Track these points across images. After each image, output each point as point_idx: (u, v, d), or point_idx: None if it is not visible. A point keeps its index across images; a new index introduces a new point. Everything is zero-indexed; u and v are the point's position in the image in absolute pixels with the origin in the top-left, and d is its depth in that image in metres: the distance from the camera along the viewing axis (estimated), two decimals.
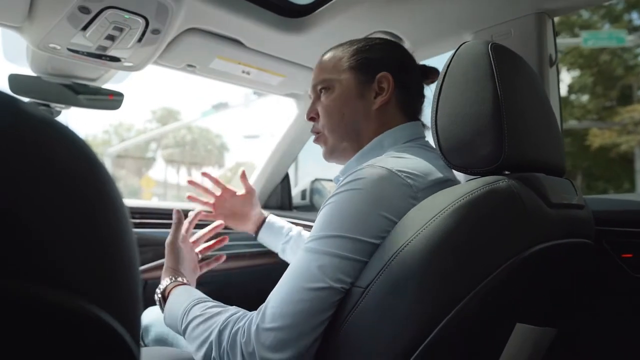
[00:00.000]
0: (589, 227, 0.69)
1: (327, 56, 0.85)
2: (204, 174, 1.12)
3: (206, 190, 1.12)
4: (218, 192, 1.12)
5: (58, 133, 0.22)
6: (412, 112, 0.81)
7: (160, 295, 0.81)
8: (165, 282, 0.83)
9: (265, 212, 1.20)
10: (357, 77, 0.79)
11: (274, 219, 1.19)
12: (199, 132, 31.88)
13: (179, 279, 0.84)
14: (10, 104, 0.20)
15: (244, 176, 1.13)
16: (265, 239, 1.18)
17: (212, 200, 1.12)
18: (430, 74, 0.87)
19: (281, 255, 1.17)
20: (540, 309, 0.68)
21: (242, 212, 1.15)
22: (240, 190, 1.14)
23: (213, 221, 1.10)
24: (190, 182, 1.10)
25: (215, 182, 1.12)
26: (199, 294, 0.75)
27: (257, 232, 1.18)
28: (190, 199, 1.11)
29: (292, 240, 1.13)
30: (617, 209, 0.85)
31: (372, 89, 0.79)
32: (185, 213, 1.45)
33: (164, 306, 0.79)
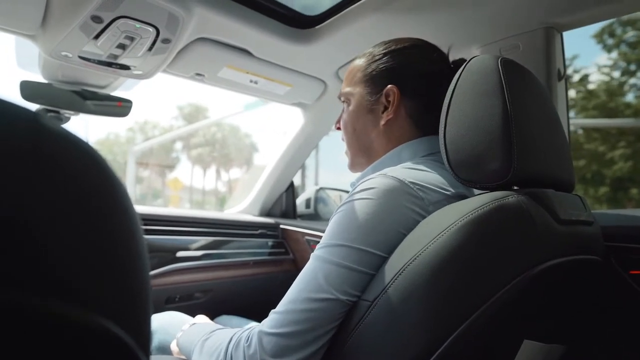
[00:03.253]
0: (598, 244, 0.69)
1: (352, 64, 0.82)
2: None
3: None
4: None
5: (77, 148, 0.22)
6: (428, 124, 0.75)
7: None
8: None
9: None
10: (369, 90, 0.77)
11: None
12: (230, 129, 30.95)
13: None
14: (31, 119, 0.20)
15: None
16: None
17: None
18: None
19: None
20: (548, 326, 0.67)
21: None
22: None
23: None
24: None
25: None
26: (223, 327, 0.75)
27: None
28: None
29: None
30: (625, 225, 0.84)
31: (381, 102, 0.76)
32: (194, 220, 1.46)
33: (187, 330, 0.78)
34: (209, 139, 29.99)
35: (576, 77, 12.74)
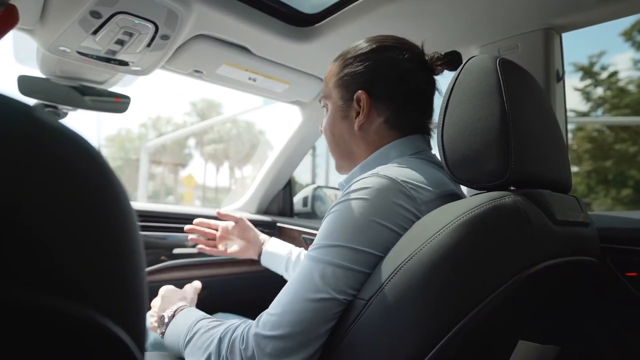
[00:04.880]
0: (594, 245, 0.69)
1: (329, 69, 0.82)
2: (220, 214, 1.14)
3: (208, 229, 1.15)
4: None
5: (73, 142, 0.22)
6: (406, 125, 0.75)
7: (167, 320, 0.80)
8: (177, 305, 0.83)
9: (263, 237, 1.19)
10: (342, 96, 0.77)
11: (272, 244, 1.16)
12: (245, 126, 30.58)
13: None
14: (27, 112, 0.20)
15: (221, 215, 1.14)
16: (268, 264, 1.16)
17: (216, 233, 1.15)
18: (432, 65, 0.76)
19: (286, 277, 1.14)
20: (543, 327, 0.67)
21: (241, 238, 1.15)
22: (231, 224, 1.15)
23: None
24: (195, 225, 1.13)
25: (200, 224, 1.14)
26: (205, 314, 0.75)
27: (259, 257, 1.16)
28: (193, 240, 1.14)
29: (292, 264, 1.11)
30: (622, 227, 0.84)
31: (353, 108, 0.75)
32: (191, 217, 1.45)
33: (168, 324, 0.78)
34: (223, 135, 29.68)
35: (604, 75, 12.46)
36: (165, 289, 0.90)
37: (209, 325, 0.68)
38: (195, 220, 1.13)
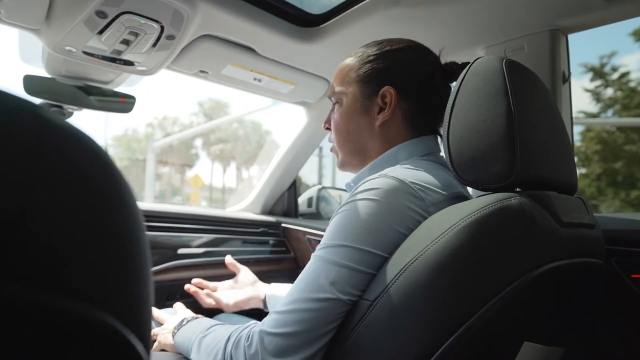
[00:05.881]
0: (600, 247, 0.69)
1: (343, 63, 0.81)
2: (187, 290, 1.06)
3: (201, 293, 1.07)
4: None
5: (79, 141, 0.22)
6: (423, 125, 0.76)
7: (185, 322, 0.79)
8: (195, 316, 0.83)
9: (263, 286, 1.10)
10: (363, 91, 0.76)
11: (273, 292, 1.08)
12: (252, 126, 30.55)
13: None
14: (33, 111, 0.20)
15: (230, 265, 1.12)
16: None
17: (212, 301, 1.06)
18: (454, 72, 0.78)
19: None
20: (548, 328, 0.67)
21: (243, 293, 1.08)
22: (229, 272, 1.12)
23: None
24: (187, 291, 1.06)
25: (198, 285, 1.08)
26: (220, 322, 0.75)
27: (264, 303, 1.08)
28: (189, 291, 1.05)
29: None
30: (627, 228, 0.84)
31: (376, 103, 0.75)
32: (196, 217, 1.46)
33: (183, 326, 0.78)
34: (230, 135, 29.69)
35: (614, 75, 12.45)
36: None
37: (221, 328, 0.68)
38: (194, 281, 1.07)
